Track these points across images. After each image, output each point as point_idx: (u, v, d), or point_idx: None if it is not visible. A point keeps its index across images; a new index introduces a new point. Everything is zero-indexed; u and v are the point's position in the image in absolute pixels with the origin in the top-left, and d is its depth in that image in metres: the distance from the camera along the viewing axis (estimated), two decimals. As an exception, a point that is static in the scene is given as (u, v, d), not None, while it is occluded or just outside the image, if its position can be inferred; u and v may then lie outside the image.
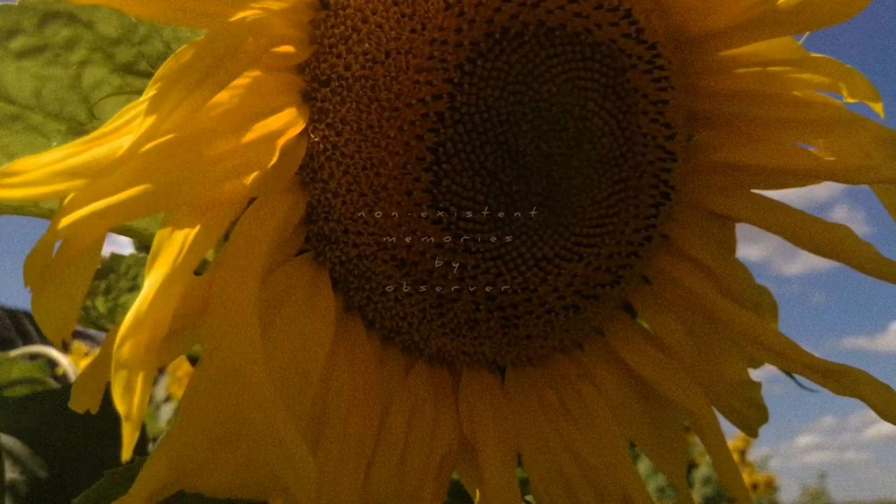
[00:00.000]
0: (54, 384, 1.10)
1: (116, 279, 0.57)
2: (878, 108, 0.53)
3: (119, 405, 0.27)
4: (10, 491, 0.77)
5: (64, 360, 1.25)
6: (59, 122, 0.41)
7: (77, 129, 0.41)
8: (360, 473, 0.41)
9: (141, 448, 0.84)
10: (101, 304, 0.56)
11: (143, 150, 0.30)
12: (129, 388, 0.27)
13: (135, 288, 0.59)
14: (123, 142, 0.30)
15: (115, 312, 0.58)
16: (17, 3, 0.38)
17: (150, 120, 0.29)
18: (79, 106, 0.40)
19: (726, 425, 0.50)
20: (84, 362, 1.61)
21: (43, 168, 0.28)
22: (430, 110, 0.40)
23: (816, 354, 0.48)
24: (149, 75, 0.42)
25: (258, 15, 0.35)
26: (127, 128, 0.30)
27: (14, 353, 1.08)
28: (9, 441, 0.80)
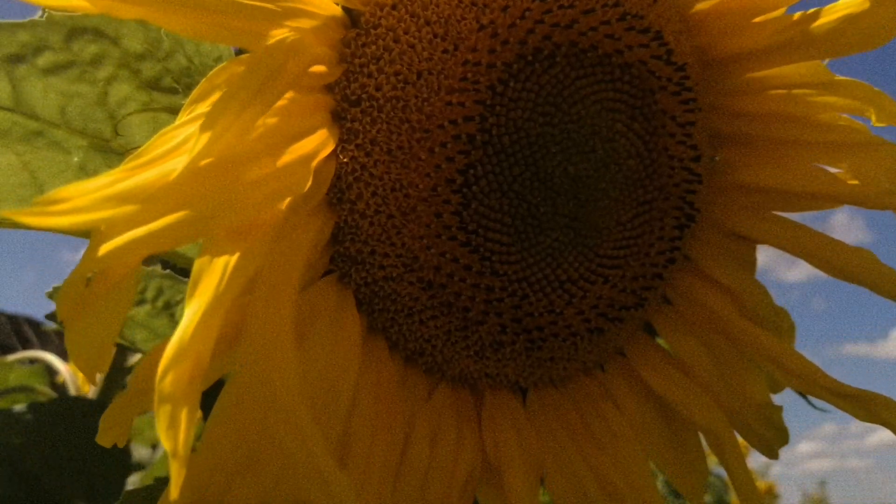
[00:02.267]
0: (50, 393, 1.08)
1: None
2: None
3: (165, 442, 0.26)
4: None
5: (63, 368, 1.23)
6: (82, 137, 0.40)
7: (100, 144, 0.41)
8: (385, 496, 0.41)
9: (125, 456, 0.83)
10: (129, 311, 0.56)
11: (195, 167, 0.30)
12: (174, 423, 0.26)
13: (143, 301, 0.58)
14: (175, 164, 0.29)
15: (123, 326, 0.57)
16: (44, 19, 0.38)
17: (204, 140, 0.29)
18: (104, 123, 0.40)
19: None
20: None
21: (92, 194, 0.27)
22: (461, 132, 0.39)
23: (817, 361, 0.48)
24: (173, 91, 0.41)
25: (296, 36, 0.34)
26: (178, 150, 0.29)
27: (12, 357, 1.06)
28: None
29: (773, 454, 0.51)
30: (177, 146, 0.29)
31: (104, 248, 0.29)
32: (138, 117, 0.41)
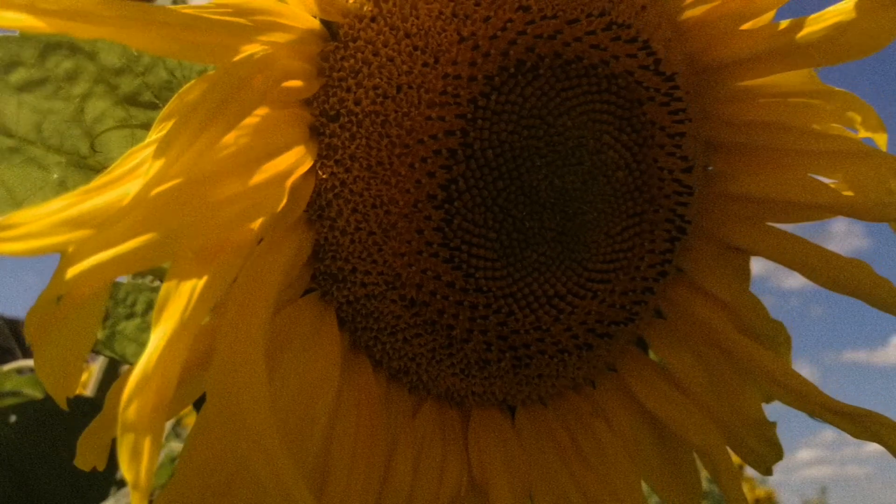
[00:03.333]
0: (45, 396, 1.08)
1: (114, 306, 0.56)
2: (881, 140, 0.52)
3: (126, 472, 0.25)
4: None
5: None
6: (59, 154, 0.40)
7: (78, 161, 0.40)
8: (367, 519, 0.40)
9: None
10: (98, 331, 0.55)
11: (148, 196, 0.29)
12: (136, 454, 0.26)
13: (132, 315, 0.58)
14: (130, 188, 0.28)
15: (113, 339, 0.56)
16: (16, 34, 0.37)
17: (158, 165, 0.28)
18: (80, 139, 0.39)
19: None
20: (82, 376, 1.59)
21: (45, 219, 0.26)
22: (441, 147, 0.39)
23: (816, 368, 0.47)
24: (153, 106, 0.41)
25: (266, 51, 0.34)
26: (133, 173, 0.29)
27: (7, 367, 1.06)
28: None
29: (767, 471, 0.50)
30: (134, 168, 0.28)
31: (71, 271, 0.28)
32: (117, 133, 0.40)
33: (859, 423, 0.45)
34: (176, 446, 1.08)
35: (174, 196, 0.30)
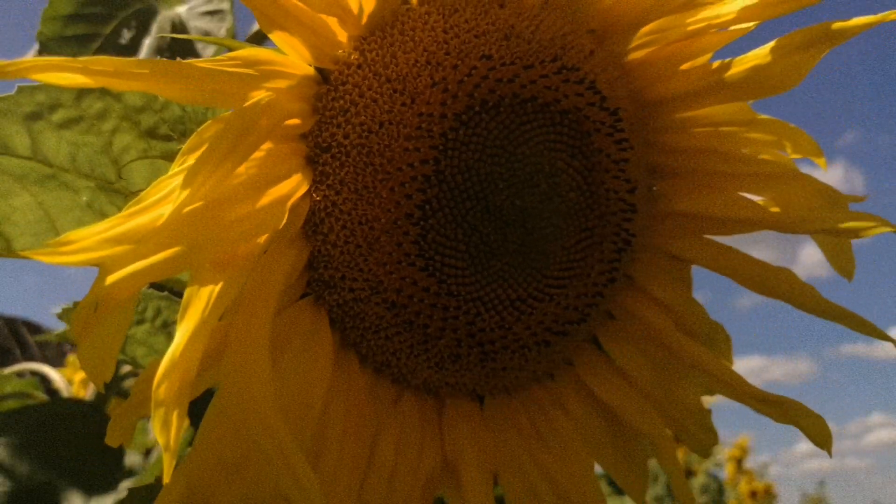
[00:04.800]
0: (44, 398, 1.14)
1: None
2: (821, 162, 0.59)
3: (159, 438, 0.32)
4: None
5: (56, 377, 1.29)
6: (89, 180, 0.46)
7: (105, 186, 0.47)
8: (354, 493, 0.46)
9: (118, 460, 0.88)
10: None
11: (178, 217, 0.36)
12: (166, 424, 0.33)
13: (142, 321, 0.64)
14: (163, 211, 0.35)
15: (125, 343, 0.63)
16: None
17: (186, 192, 0.35)
18: (109, 168, 0.46)
19: (728, 433, 0.56)
20: (80, 375, 1.65)
21: (94, 237, 0.33)
22: (417, 173, 0.45)
23: (816, 362, 0.53)
24: (168, 138, 0.48)
25: (270, 96, 0.41)
26: (166, 199, 0.35)
27: (8, 370, 1.12)
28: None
29: (706, 453, 0.57)
30: (166, 195, 0.35)
31: (109, 279, 0.35)
32: (138, 162, 0.47)
33: (780, 410, 0.52)
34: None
35: (195, 216, 0.37)
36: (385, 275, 0.47)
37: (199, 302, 0.36)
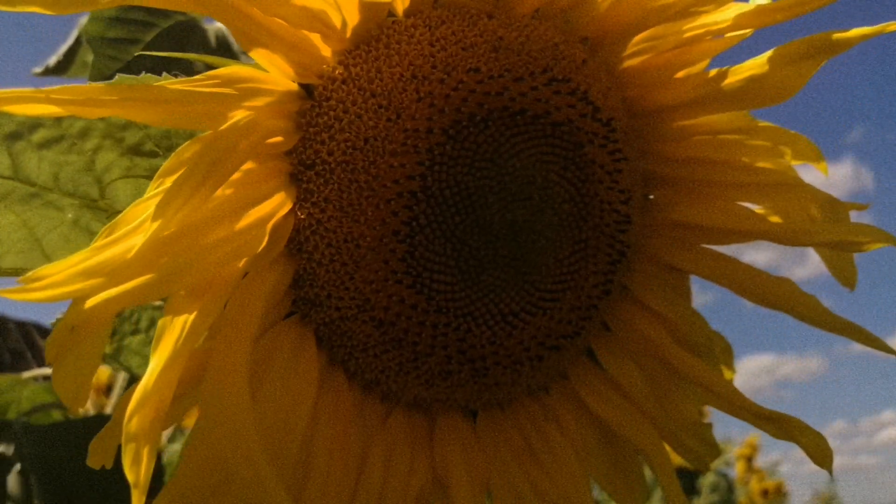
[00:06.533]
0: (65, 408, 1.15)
1: (121, 322, 0.62)
2: (822, 167, 0.58)
3: (129, 474, 0.32)
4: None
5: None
6: (73, 198, 0.46)
7: (89, 203, 0.46)
8: (343, 512, 0.46)
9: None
10: (106, 346, 0.61)
11: (150, 243, 0.35)
12: (137, 460, 0.32)
13: (137, 331, 0.64)
14: (135, 242, 0.35)
15: (120, 353, 0.63)
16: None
17: (157, 224, 0.34)
18: (92, 186, 0.45)
19: (737, 431, 0.55)
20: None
21: (64, 271, 0.33)
22: (403, 189, 0.45)
23: (826, 360, 0.52)
24: (154, 154, 0.47)
25: (248, 116, 0.40)
26: (137, 230, 0.35)
27: (26, 374, 1.13)
28: (35, 469, 0.86)
29: (704, 467, 0.56)
30: (138, 225, 0.35)
31: (85, 305, 0.35)
32: (122, 180, 0.46)
33: (778, 426, 0.51)
34: (177, 448, 1.15)
35: (169, 243, 0.36)
36: (372, 293, 0.46)
37: (173, 332, 0.35)
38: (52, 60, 1.04)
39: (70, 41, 1.04)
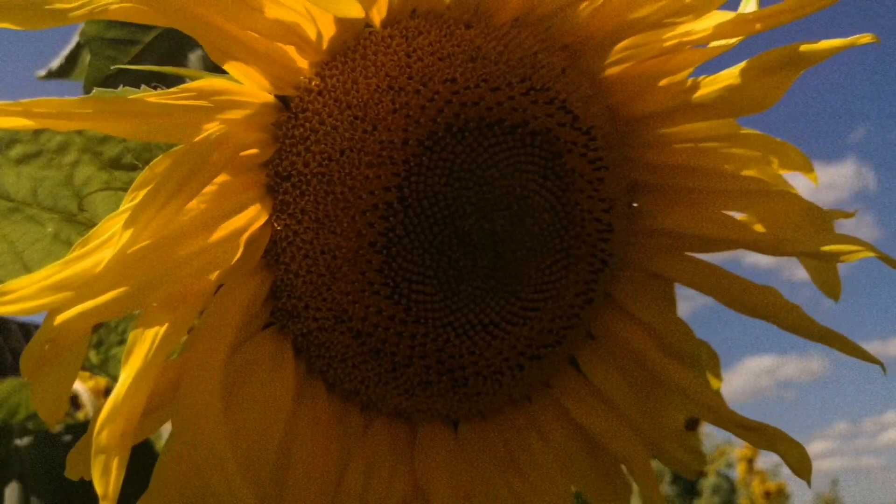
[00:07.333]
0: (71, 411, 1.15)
1: (107, 333, 0.62)
2: (812, 177, 0.58)
3: (97, 486, 0.32)
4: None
5: (78, 387, 1.30)
6: (52, 213, 0.46)
7: (69, 217, 0.47)
8: (322, 523, 0.46)
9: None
10: (93, 356, 0.62)
11: (120, 257, 0.35)
12: (106, 472, 0.32)
13: (123, 342, 0.64)
14: (105, 255, 0.35)
15: (107, 363, 0.63)
16: (15, 113, 0.44)
17: (128, 235, 0.34)
18: (70, 200, 0.45)
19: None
20: (90, 384, 1.68)
21: (33, 285, 0.33)
22: (379, 201, 0.45)
23: (828, 360, 0.52)
24: (133, 167, 0.47)
25: (222, 129, 0.40)
26: (107, 244, 0.35)
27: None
28: (36, 472, 0.86)
29: (692, 474, 0.56)
30: (108, 238, 0.35)
31: (58, 320, 0.35)
32: (101, 193, 0.47)
33: (760, 436, 0.51)
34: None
35: (141, 256, 0.36)
36: (349, 304, 0.46)
37: (144, 344, 0.36)
38: (55, 63, 1.04)
39: (72, 44, 1.04)
